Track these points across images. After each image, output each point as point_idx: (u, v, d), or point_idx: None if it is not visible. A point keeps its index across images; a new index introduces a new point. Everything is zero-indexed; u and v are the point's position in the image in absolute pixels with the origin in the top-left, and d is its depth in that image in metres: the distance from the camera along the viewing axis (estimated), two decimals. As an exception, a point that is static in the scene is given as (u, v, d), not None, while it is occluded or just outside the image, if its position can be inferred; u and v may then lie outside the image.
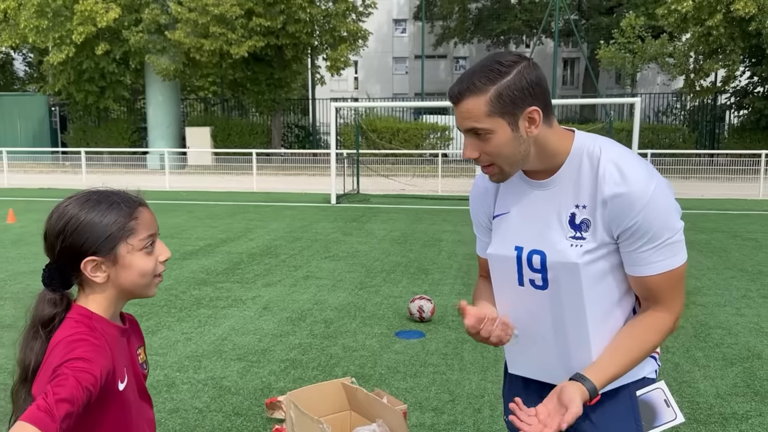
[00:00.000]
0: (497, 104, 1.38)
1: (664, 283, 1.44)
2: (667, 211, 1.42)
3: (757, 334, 5.13)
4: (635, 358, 1.46)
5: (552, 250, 1.48)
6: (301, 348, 4.81)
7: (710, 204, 13.98)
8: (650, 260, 1.43)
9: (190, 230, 10.35)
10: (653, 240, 1.41)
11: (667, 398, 1.50)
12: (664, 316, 1.46)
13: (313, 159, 24.67)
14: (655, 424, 1.48)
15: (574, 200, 1.46)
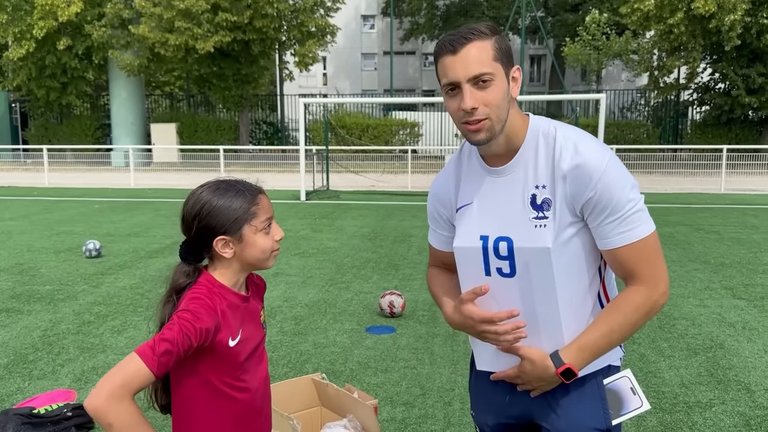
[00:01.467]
0: (499, 51, 1.43)
1: (635, 254, 1.44)
2: (624, 181, 1.43)
3: (720, 324, 5.25)
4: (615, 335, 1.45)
5: (518, 236, 1.47)
6: (271, 345, 4.77)
7: (674, 198, 14.27)
8: (617, 231, 1.43)
9: (156, 228, 10.18)
10: (616, 211, 1.42)
11: (633, 386, 1.51)
12: (640, 290, 1.45)
13: (282, 156, 24.50)
14: (622, 412, 1.49)
15: (534, 181, 1.47)
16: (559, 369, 1.45)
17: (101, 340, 4.87)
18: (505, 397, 1.64)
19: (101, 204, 13.43)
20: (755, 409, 3.69)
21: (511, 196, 1.49)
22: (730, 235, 9.50)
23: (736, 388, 3.98)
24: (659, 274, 1.46)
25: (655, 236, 1.47)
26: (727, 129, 24.39)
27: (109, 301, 5.95)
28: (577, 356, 1.45)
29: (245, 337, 1.63)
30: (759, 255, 8.00)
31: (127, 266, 7.41)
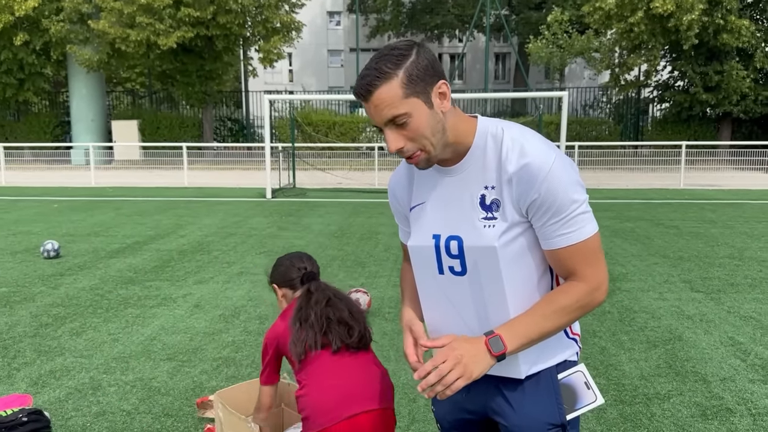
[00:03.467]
0: (410, 85, 1.39)
1: (576, 255, 1.44)
2: (568, 182, 1.42)
3: (679, 317, 5.37)
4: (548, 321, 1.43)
5: (467, 235, 1.48)
6: (235, 345, 4.71)
7: (634, 194, 14.55)
8: (559, 233, 1.44)
9: (117, 228, 9.98)
10: (559, 213, 1.42)
11: (587, 381, 1.51)
12: (577, 284, 1.46)
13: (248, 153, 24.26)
14: (576, 407, 1.49)
15: (483, 182, 1.48)
16: (488, 336, 1.41)
17: (59, 343, 4.76)
18: (463, 393, 1.65)
19: (60, 203, 13.11)
20: (711, 400, 3.78)
21: (461, 196, 1.50)
22: (689, 229, 9.73)
23: (693, 380, 4.07)
24: (599, 274, 1.46)
25: (597, 237, 1.47)
26: (686, 126, 24.98)
27: (68, 302, 5.81)
28: (507, 334, 1.42)
29: None
30: (716, 249, 8.21)
31: (87, 266, 7.25)
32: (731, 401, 3.76)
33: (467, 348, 1.39)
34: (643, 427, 3.45)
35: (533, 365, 1.53)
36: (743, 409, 3.65)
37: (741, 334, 4.92)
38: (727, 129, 24.78)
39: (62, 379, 4.09)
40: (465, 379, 1.38)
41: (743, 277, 6.70)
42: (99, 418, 3.55)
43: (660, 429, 3.42)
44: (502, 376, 1.55)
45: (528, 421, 1.51)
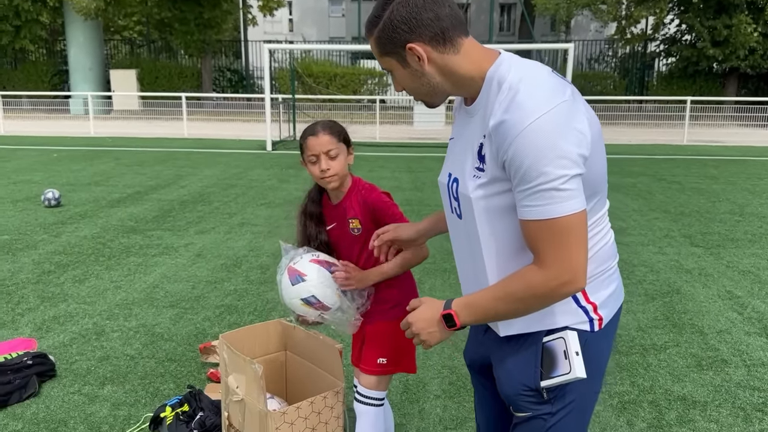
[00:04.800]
0: (380, 46, 1.43)
1: (537, 233, 1.30)
2: (544, 149, 1.24)
3: (678, 271, 5.40)
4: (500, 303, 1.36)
5: (463, 179, 1.45)
6: (237, 294, 4.75)
7: (638, 149, 14.46)
8: (523, 203, 1.30)
9: (117, 177, 9.96)
10: (524, 181, 1.28)
11: (566, 350, 1.40)
12: (533, 269, 1.32)
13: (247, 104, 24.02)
14: (552, 375, 1.41)
15: (483, 129, 1.39)
16: (443, 311, 1.41)
17: (62, 290, 4.79)
18: (478, 335, 1.69)
19: (60, 153, 13.04)
20: (707, 351, 3.83)
21: (470, 139, 1.46)
22: (691, 185, 9.70)
23: (690, 332, 4.12)
24: (564, 262, 1.28)
25: (569, 220, 1.27)
26: (692, 81, 24.66)
27: (70, 250, 5.84)
28: (463, 310, 1.40)
29: (331, 230, 2.34)
30: (717, 204, 8.20)
31: (88, 216, 7.26)
32: (727, 352, 3.81)
33: (424, 318, 1.45)
34: (639, 376, 3.50)
35: (511, 327, 1.47)
36: (738, 360, 3.70)
37: (739, 288, 4.95)
38: (733, 85, 24.47)
39: (66, 325, 4.13)
40: (425, 345, 1.46)
41: (743, 233, 6.71)
42: (103, 362, 3.60)
43: (655, 378, 3.48)
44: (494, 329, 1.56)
45: (508, 377, 1.50)
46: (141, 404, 3.15)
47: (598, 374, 1.50)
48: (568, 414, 1.47)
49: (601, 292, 1.46)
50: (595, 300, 1.45)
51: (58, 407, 3.12)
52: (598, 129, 1.38)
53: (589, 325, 1.45)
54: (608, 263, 1.48)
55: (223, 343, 2.38)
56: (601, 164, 1.39)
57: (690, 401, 3.24)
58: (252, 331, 2.56)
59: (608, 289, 1.48)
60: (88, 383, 3.36)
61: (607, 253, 1.48)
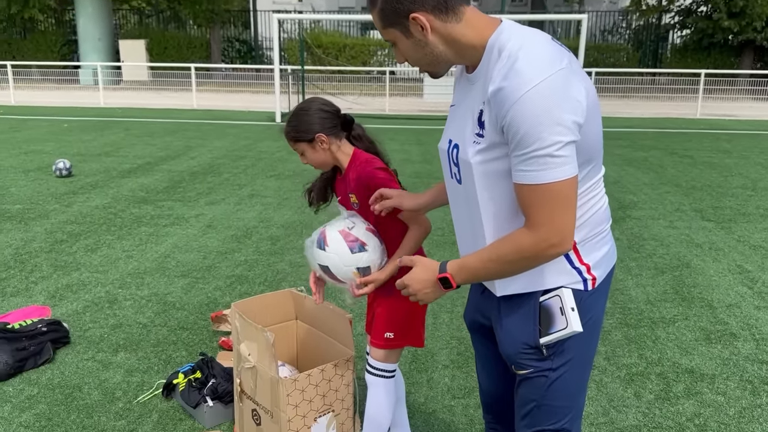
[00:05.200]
0: (384, 18, 1.44)
1: (530, 197, 1.35)
2: (539, 115, 1.28)
3: (688, 245, 5.38)
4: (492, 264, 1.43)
5: (463, 146, 1.48)
6: (247, 264, 4.79)
7: (650, 122, 14.30)
8: (518, 168, 1.34)
9: (127, 148, 9.97)
10: (520, 146, 1.31)
11: (562, 306, 1.46)
12: (524, 232, 1.38)
13: (256, 75, 23.89)
14: (550, 331, 1.46)
15: (483, 96, 1.42)
16: (439, 275, 1.49)
17: (74, 258, 4.84)
18: (477, 297, 1.73)
19: (70, 123, 13.07)
20: (716, 324, 3.83)
21: (470, 105, 1.49)
22: (703, 159, 9.61)
23: (699, 305, 4.12)
24: (554, 225, 1.35)
25: (561, 186, 1.32)
26: (706, 54, 24.27)
27: (82, 220, 5.88)
28: (458, 273, 1.48)
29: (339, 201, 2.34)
30: (729, 179, 8.13)
31: (99, 186, 7.30)
32: (736, 326, 3.81)
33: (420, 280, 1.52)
34: (647, 348, 3.52)
35: (508, 287, 1.52)
36: (747, 334, 3.71)
37: (749, 263, 4.94)
38: (749, 58, 24.06)
39: (79, 293, 4.19)
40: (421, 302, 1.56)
41: (755, 207, 6.66)
42: (116, 330, 3.66)
43: (663, 351, 3.49)
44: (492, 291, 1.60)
45: (507, 336, 1.55)
46: (154, 371, 3.20)
47: (594, 332, 1.56)
48: (568, 371, 1.53)
49: (595, 254, 1.53)
50: (588, 261, 1.52)
51: (73, 373, 3.17)
52: (594, 97, 1.41)
53: (583, 285, 1.52)
54: (602, 226, 1.54)
55: (235, 311, 2.40)
56: (596, 132, 1.42)
57: (698, 374, 3.25)
58: (263, 300, 2.58)
59: (601, 251, 1.54)
60: (102, 350, 3.42)
61: (600, 217, 1.54)
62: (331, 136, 2.20)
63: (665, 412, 2.90)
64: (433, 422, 2.80)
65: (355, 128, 2.29)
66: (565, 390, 1.54)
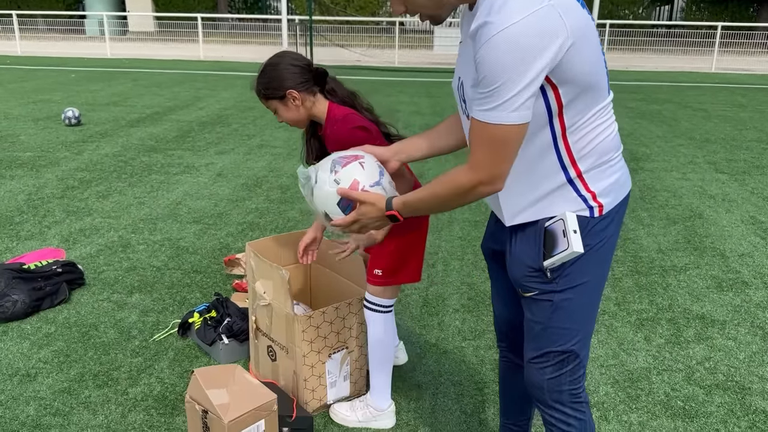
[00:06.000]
0: None
1: (478, 134, 1.37)
2: (505, 58, 1.27)
3: (701, 196, 5.34)
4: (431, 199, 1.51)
5: (466, 81, 1.47)
6: (258, 212, 4.80)
7: (664, 76, 14.06)
8: (475, 103, 1.35)
9: (136, 98, 9.91)
10: (484, 84, 1.31)
11: (565, 229, 1.50)
12: (463, 170, 1.42)
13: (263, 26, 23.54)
14: (553, 253, 1.52)
15: None
16: (387, 212, 1.59)
17: (86, 204, 4.86)
18: (491, 227, 1.79)
19: (77, 73, 12.97)
20: (727, 273, 3.83)
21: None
22: (718, 113, 9.47)
23: (711, 254, 4.11)
24: (493, 168, 1.38)
25: (508, 131, 1.33)
26: (723, 7, 23.70)
27: (92, 167, 5.89)
28: (402, 209, 1.58)
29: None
30: (744, 132, 8.03)
31: (109, 134, 7.28)
32: (747, 275, 3.81)
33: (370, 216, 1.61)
34: (658, 295, 3.53)
35: (516, 217, 1.57)
36: (759, 282, 3.71)
37: (763, 214, 4.91)
38: (766, 11, 23.48)
39: (92, 237, 4.22)
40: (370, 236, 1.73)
41: (770, 160, 6.59)
42: (130, 272, 3.69)
43: (674, 298, 3.50)
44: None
45: (515, 260, 1.59)
46: (169, 311, 3.24)
47: (603, 258, 1.57)
48: (575, 295, 1.55)
49: (602, 182, 1.53)
50: (594, 189, 1.52)
51: (89, 313, 3.22)
52: (586, 25, 1.36)
53: (589, 212, 1.53)
54: (609, 155, 1.53)
55: (250, 250, 2.41)
56: (590, 59, 1.39)
57: (708, 320, 3.26)
58: (278, 240, 2.59)
59: (610, 179, 1.54)
60: (117, 291, 3.46)
61: (608, 145, 1.52)
62: (304, 91, 2.11)
63: (675, 355, 2.93)
64: (444, 362, 2.84)
65: (329, 82, 2.18)
66: (570, 313, 1.56)
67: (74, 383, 2.64)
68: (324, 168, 1.69)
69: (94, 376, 2.69)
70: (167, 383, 2.64)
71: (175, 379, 2.67)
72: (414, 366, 2.81)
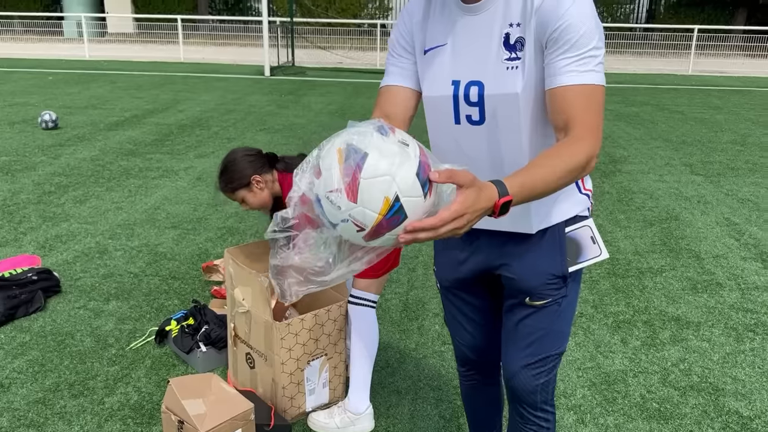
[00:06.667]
0: None
1: (584, 99, 1.29)
2: (592, 19, 1.30)
3: (677, 198, 5.41)
4: (552, 179, 1.24)
5: (489, 80, 1.40)
6: (238, 217, 4.78)
7: (642, 78, 14.23)
8: (571, 68, 1.30)
9: (114, 101, 9.82)
10: (578, 47, 1.29)
11: (593, 235, 1.52)
12: (576, 141, 1.28)
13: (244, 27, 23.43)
14: (580, 260, 1.51)
15: (508, 19, 1.37)
16: (502, 198, 1.16)
17: (63, 210, 4.81)
18: (464, 254, 1.64)
19: (55, 75, 12.82)
20: (702, 275, 3.88)
21: (485, 36, 1.40)
22: (694, 115, 9.60)
23: (686, 256, 4.17)
24: (599, 133, 1.31)
25: (603, 92, 1.33)
26: (700, 10, 24.03)
27: (69, 172, 5.82)
28: (519, 191, 1.20)
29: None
30: (719, 134, 8.15)
31: (86, 138, 7.20)
32: (722, 276, 3.87)
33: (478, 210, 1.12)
34: (634, 297, 3.57)
35: (543, 221, 1.51)
36: (733, 284, 3.77)
37: (737, 216, 4.98)
38: (742, 14, 23.86)
39: (68, 243, 4.17)
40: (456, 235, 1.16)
41: (744, 162, 6.70)
42: (107, 279, 3.66)
43: (650, 300, 3.54)
44: (511, 231, 1.54)
45: (531, 271, 1.53)
46: (146, 319, 3.22)
47: None
48: (573, 296, 1.59)
49: (589, 181, 1.59)
50: (589, 187, 1.58)
51: (65, 321, 3.18)
52: None
53: (588, 212, 1.58)
54: None
55: (228, 257, 2.41)
56: None
57: (684, 321, 3.31)
58: (256, 246, 2.58)
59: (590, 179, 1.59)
60: (93, 299, 3.42)
61: None
62: (263, 174, 2.37)
63: (651, 357, 2.96)
64: (423, 367, 2.85)
65: (280, 160, 2.44)
66: (569, 315, 1.59)
67: (49, 393, 2.61)
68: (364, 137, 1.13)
69: (70, 386, 2.66)
70: (144, 392, 2.62)
71: (152, 388, 2.65)
72: (393, 371, 2.82)
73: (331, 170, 1.12)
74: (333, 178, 1.11)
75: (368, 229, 1.11)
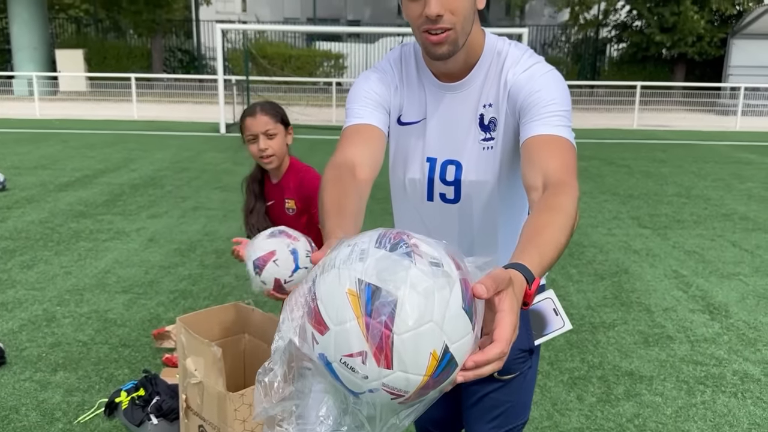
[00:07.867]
0: None
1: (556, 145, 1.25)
2: (564, 87, 1.35)
3: (626, 251, 5.57)
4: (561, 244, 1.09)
5: (467, 160, 1.41)
6: (191, 279, 4.70)
7: (589, 133, 14.75)
8: (545, 122, 1.28)
9: (65, 161, 9.66)
10: (549, 109, 1.29)
11: (555, 307, 1.50)
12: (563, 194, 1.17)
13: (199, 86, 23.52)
14: (545, 333, 1.49)
15: (483, 100, 1.39)
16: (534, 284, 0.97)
17: (9, 276, 4.65)
18: None
19: (4, 135, 12.57)
20: (653, 328, 3.98)
21: (462, 115, 1.41)
22: (640, 168, 9.98)
23: (637, 309, 4.27)
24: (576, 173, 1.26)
25: (575, 151, 1.30)
26: (642, 67, 25.26)
27: (17, 235, 5.66)
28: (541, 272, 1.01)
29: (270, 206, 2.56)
30: (665, 187, 8.47)
31: (35, 200, 7.04)
32: (672, 329, 3.97)
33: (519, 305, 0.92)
34: (588, 353, 3.62)
35: None
36: (683, 337, 3.86)
37: (684, 268, 5.15)
38: (681, 71, 25.17)
39: (15, 311, 4.02)
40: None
41: (689, 214, 6.96)
42: (55, 349, 3.53)
43: (604, 355, 3.60)
44: None
45: None
46: (95, 390, 3.10)
47: None
48: (536, 364, 1.63)
49: None
50: None
51: (9, 394, 3.05)
52: None
53: (544, 279, 1.58)
54: None
55: (180, 325, 2.36)
56: None
57: (637, 376, 3.37)
58: (210, 314, 2.55)
59: None
60: (40, 370, 3.29)
61: None
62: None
63: (606, 413, 2.99)
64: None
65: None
66: (532, 384, 1.61)
67: (-11, 475, 2.47)
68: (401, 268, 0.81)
69: (11, 466, 2.53)
70: (91, 470, 2.51)
71: (100, 464, 2.54)
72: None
73: (344, 325, 0.79)
74: (350, 337, 0.79)
75: (408, 394, 0.82)
